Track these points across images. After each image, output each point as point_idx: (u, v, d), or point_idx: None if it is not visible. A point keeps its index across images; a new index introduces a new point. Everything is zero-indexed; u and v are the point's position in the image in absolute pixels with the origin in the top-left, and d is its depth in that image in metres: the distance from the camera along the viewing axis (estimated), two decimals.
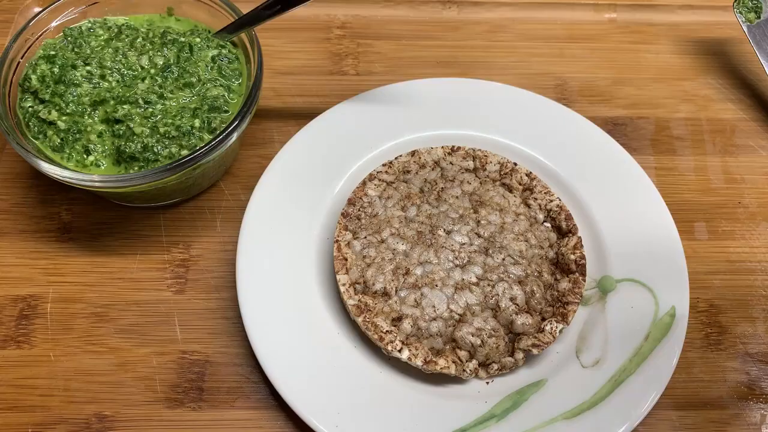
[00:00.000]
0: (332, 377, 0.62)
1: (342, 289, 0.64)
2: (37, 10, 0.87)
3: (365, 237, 0.67)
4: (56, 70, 0.68)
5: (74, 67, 0.68)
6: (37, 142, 0.68)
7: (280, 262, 0.67)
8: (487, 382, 0.63)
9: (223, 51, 0.71)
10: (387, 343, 0.61)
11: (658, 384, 0.61)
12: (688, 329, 0.64)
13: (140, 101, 0.67)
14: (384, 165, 0.71)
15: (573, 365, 0.63)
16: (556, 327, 0.62)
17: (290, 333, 0.64)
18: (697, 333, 0.68)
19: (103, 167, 0.67)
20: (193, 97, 0.69)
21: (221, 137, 0.64)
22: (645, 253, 0.69)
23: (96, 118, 0.68)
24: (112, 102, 0.67)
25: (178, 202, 0.74)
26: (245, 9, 0.72)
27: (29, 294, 0.69)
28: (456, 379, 0.63)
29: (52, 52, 0.70)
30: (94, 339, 0.67)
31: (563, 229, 0.68)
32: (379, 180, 0.70)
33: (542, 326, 0.62)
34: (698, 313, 0.69)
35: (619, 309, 0.66)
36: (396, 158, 0.72)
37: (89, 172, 0.66)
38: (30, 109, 0.69)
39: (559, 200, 0.69)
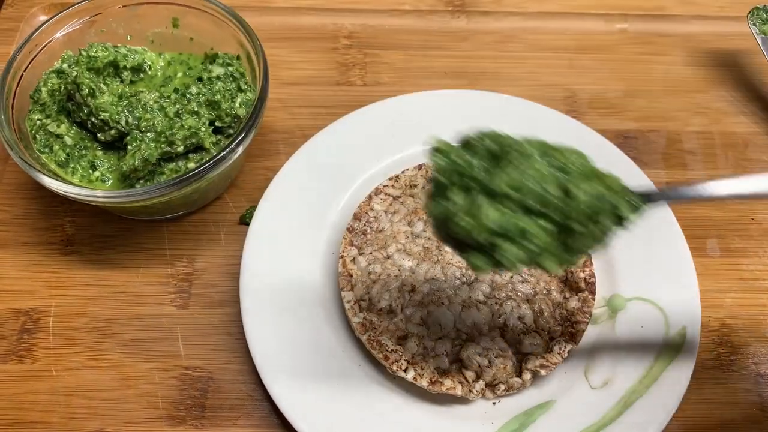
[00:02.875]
0: (336, 396, 0.61)
1: (347, 306, 0.63)
2: (42, 18, 0.87)
3: (371, 253, 0.66)
4: (68, 86, 0.68)
5: (92, 95, 0.67)
6: (42, 155, 0.67)
7: (283, 278, 0.67)
8: (494, 403, 0.62)
9: (230, 69, 0.70)
10: (392, 363, 0.60)
11: (669, 406, 0.60)
12: (699, 349, 0.63)
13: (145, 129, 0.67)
14: (390, 179, 0.70)
15: (581, 386, 0.62)
16: (565, 347, 0.61)
17: (293, 350, 0.63)
18: (708, 353, 0.67)
19: (108, 183, 0.67)
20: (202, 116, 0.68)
21: (226, 151, 0.63)
22: (655, 271, 0.67)
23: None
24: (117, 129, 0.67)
25: (182, 215, 0.73)
26: (249, 19, 0.72)
27: (31, 307, 0.68)
28: (462, 399, 0.61)
29: (65, 66, 0.70)
30: (96, 354, 0.66)
31: None
32: (386, 194, 0.69)
33: (550, 346, 0.61)
34: (710, 333, 0.68)
35: (628, 328, 0.65)
36: (402, 172, 0.71)
37: (93, 188, 0.66)
38: (38, 121, 0.68)
39: None
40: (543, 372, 0.60)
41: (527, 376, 0.60)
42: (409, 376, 0.59)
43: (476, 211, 0.44)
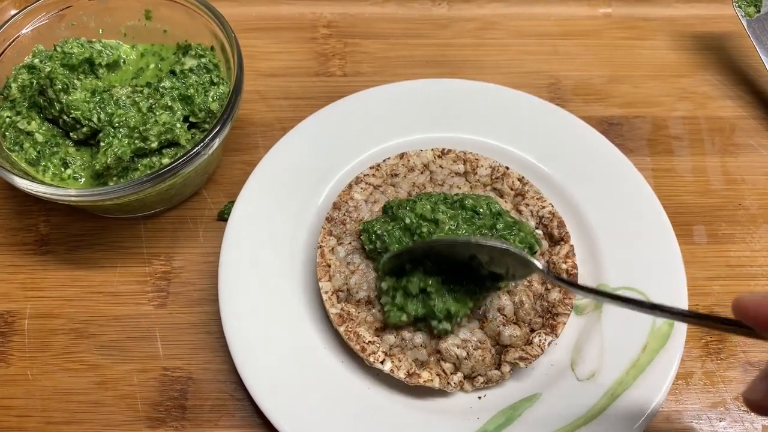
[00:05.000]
0: (318, 394, 0.60)
1: (324, 297, 0.62)
2: (13, 12, 0.85)
3: (350, 243, 0.64)
4: (41, 81, 0.66)
5: (65, 91, 0.65)
6: (12, 154, 0.66)
7: (264, 274, 0.65)
8: (479, 397, 0.61)
9: (203, 60, 0.69)
10: (369, 354, 0.59)
11: (656, 397, 0.59)
12: (686, 338, 0.62)
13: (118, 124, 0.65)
14: (371, 168, 0.69)
15: (568, 378, 0.61)
16: (545, 339, 0.60)
17: (274, 348, 0.61)
18: (696, 342, 0.66)
19: (81, 181, 0.65)
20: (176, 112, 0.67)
21: (201, 145, 0.62)
22: (642, 259, 0.66)
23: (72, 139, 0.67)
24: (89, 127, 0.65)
25: (159, 212, 0.72)
26: (225, 10, 0.70)
27: (6, 310, 0.67)
28: (446, 394, 0.60)
29: (37, 61, 0.68)
30: (73, 356, 0.64)
31: (555, 237, 0.65)
32: (366, 183, 0.68)
33: (530, 338, 0.60)
34: None
35: (615, 319, 0.64)
36: (384, 161, 0.69)
37: (66, 186, 0.64)
38: (8, 118, 0.67)
39: (552, 206, 0.67)
40: (522, 364, 0.59)
41: (506, 368, 0.59)
42: (386, 367, 0.58)
43: (397, 314, 0.58)
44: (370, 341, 0.59)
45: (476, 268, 0.58)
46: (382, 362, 0.58)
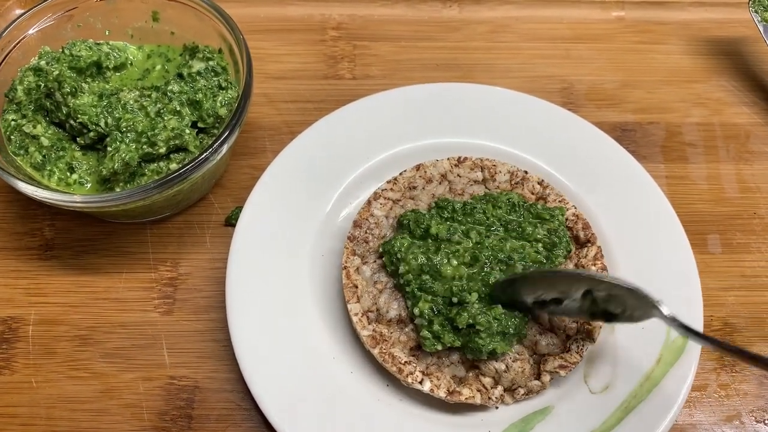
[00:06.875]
0: (327, 405, 0.59)
1: (354, 319, 0.60)
2: (18, 12, 0.84)
3: (374, 261, 0.63)
4: (48, 84, 0.65)
5: (73, 95, 0.64)
6: (17, 158, 0.65)
7: (271, 282, 0.64)
8: (496, 407, 0.60)
9: (210, 63, 0.68)
10: (406, 375, 0.57)
11: (671, 410, 0.58)
12: (701, 350, 0.61)
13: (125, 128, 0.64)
14: (389, 182, 0.67)
15: (581, 391, 0.60)
16: (583, 345, 0.59)
17: (282, 358, 0.60)
18: (710, 354, 0.65)
19: (87, 186, 0.64)
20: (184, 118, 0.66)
21: (210, 150, 0.61)
22: (656, 268, 0.65)
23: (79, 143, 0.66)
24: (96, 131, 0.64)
25: (166, 217, 0.71)
26: (233, 11, 0.69)
27: (10, 316, 0.66)
28: (459, 406, 0.59)
29: (43, 63, 0.67)
30: (78, 364, 0.64)
31: (581, 239, 0.64)
32: (385, 198, 0.66)
33: (567, 345, 0.59)
34: (712, 332, 0.66)
35: (628, 330, 0.62)
36: (401, 174, 0.68)
37: (72, 192, 0.63)
38: (13, 122, 0.66)
39: (575, 208, 0.66)
40: (562, 373, 0.58)
41: (546, 378, 0.58)
42: (426, 387, 0.57)
43: (433, 343, 0.57)
44: (406, 361, 0.58)
45: (587, 305, 0.55)
46: (420, 382, 0.57)
